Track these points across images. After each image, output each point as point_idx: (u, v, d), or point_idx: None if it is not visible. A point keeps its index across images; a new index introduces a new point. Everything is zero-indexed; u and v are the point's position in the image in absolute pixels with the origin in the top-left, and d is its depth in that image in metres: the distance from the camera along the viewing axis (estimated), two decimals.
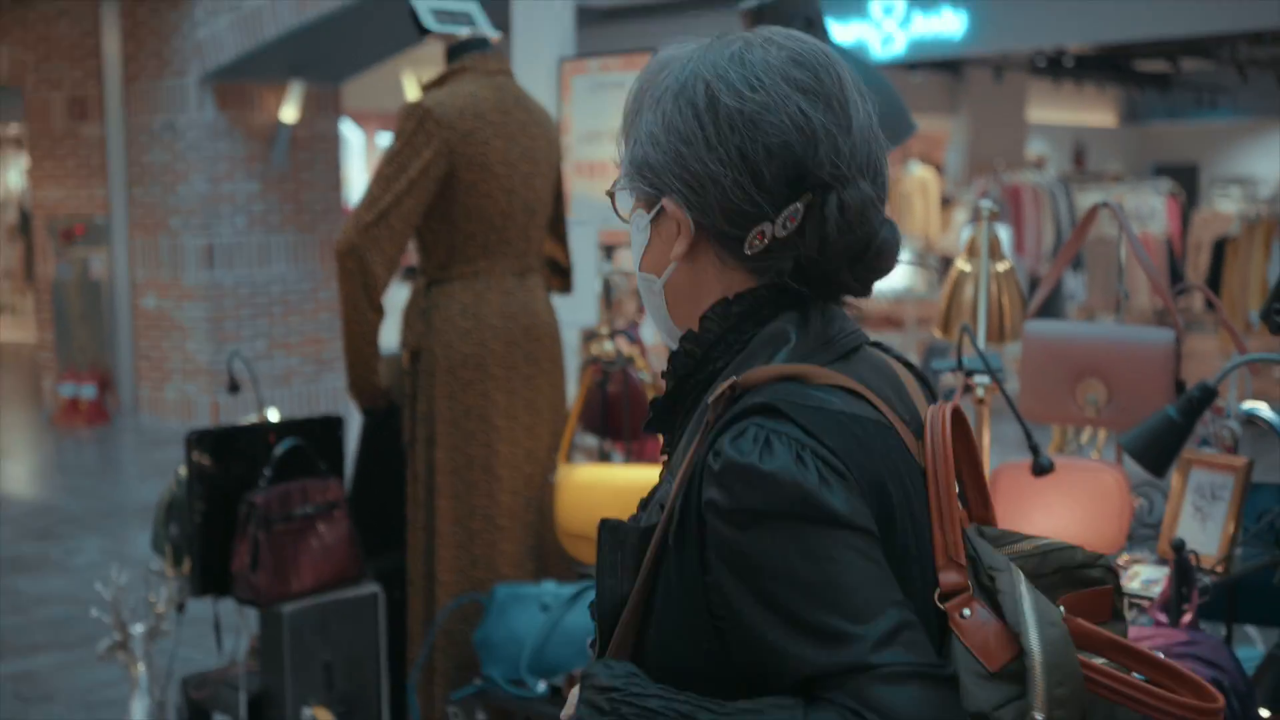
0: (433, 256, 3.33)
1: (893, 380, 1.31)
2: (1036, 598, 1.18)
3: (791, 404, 1.18)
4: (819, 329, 1.26)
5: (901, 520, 1.20)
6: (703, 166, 1.23)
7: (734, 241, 1.24)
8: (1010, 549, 1.27)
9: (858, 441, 1.18)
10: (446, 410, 3.29)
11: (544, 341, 3.41)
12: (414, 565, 3.38)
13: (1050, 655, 1.14)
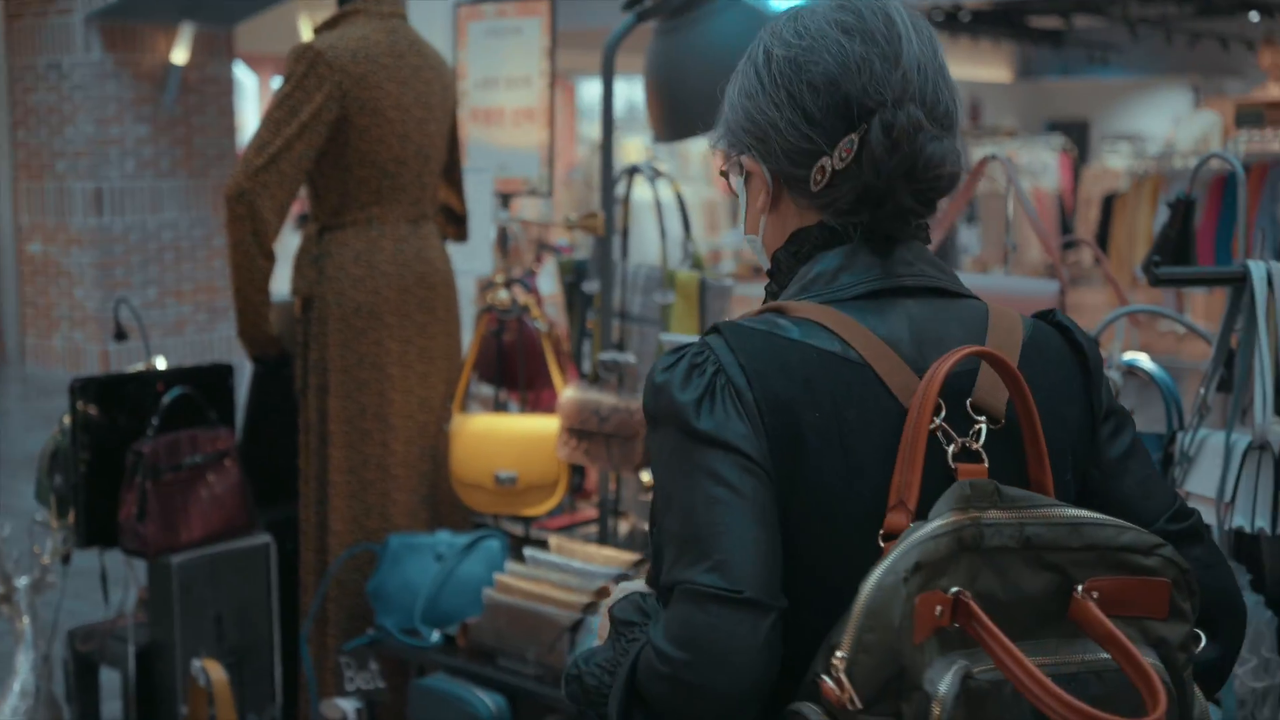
0: (325, 202, 3.29)
1: (932, 328, 1.31)
2: (912, 550, 1.15)
3: (734, 326, 1.29)
4: (837, 270, 1.33)
5: (818, 448, 1.25)
6: (763, 115, 1.35)
7: (801, 183, 1.34)
8: (1034, 513, 1.21)
9: (782, 366, 1.25)
10: (339, 358, 3.26)
11: (439, 289, 3.39)
12: (306, 515, 3.35)
13: (872, 600, 1.13)
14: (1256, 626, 2.50)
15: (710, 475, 1.23)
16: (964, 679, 1.14)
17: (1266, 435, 2.13)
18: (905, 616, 1.13)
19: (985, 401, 1.28)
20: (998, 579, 1.20)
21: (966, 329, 1.33)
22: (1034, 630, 1.20)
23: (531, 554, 3.15)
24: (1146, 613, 1.21)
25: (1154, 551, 1.22)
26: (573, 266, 3.78)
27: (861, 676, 1.13)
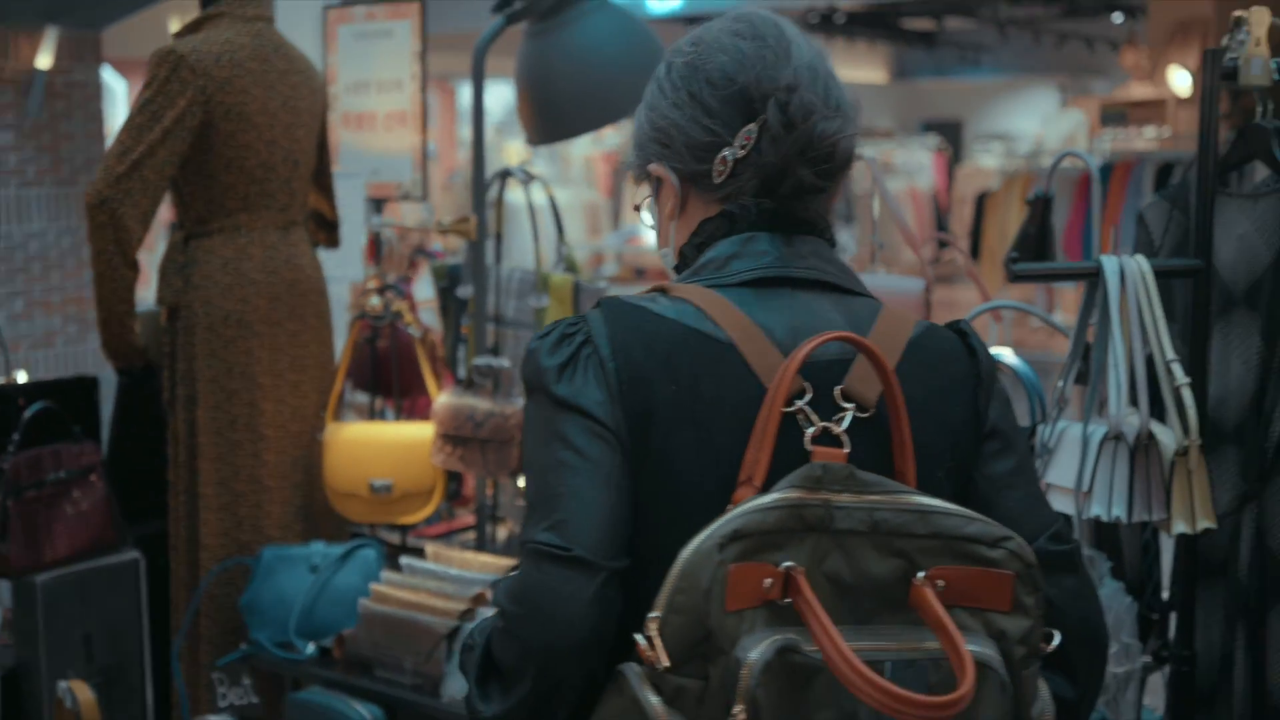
0: (190, 210, 3.23)
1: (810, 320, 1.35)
2: (732, 520, 1.19)
3: (614, 300, 1.36)
4: (728, 257, 1.38)
5: (672, 421, 1.29)
6: (665, 119, 1.42)
7: (705, 177, 1.40)
8: (886, 498, 1.23)
9: (647, 340, 1.31)
10: (207, 369, 3.20)
11: (310, 297, 3.35)
12: (176, 530, 3.29)
13: (686, 565, 1.17)
14: (1117, 613, 2.56)
15: (561, 439, 1.30)
16: (781, 651, 1.16)
17: (1121, 426, 2.19)
18: (717, 582, 1.16)
19: (855, 390, 1.32)
20: (846, 561, 1.22)
21: (850, 323, 1.36)
22: (880, 614, 1.23)
23: (408, 562, 3.12)
24: (990, 605, 1.23)
25: (999, 544, 1.23)
26: (446, 271, 3.75)
27: (671, 637, 1.17)
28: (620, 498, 1.29)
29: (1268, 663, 2.23)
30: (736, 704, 1.14)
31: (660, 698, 1.18)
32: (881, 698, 1.10)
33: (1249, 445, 2.27)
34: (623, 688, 1.20)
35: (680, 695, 1.18)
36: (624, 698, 1.20)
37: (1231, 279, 2.31)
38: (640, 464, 1.30)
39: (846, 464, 1.24)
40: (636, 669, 1.20)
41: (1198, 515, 2.21)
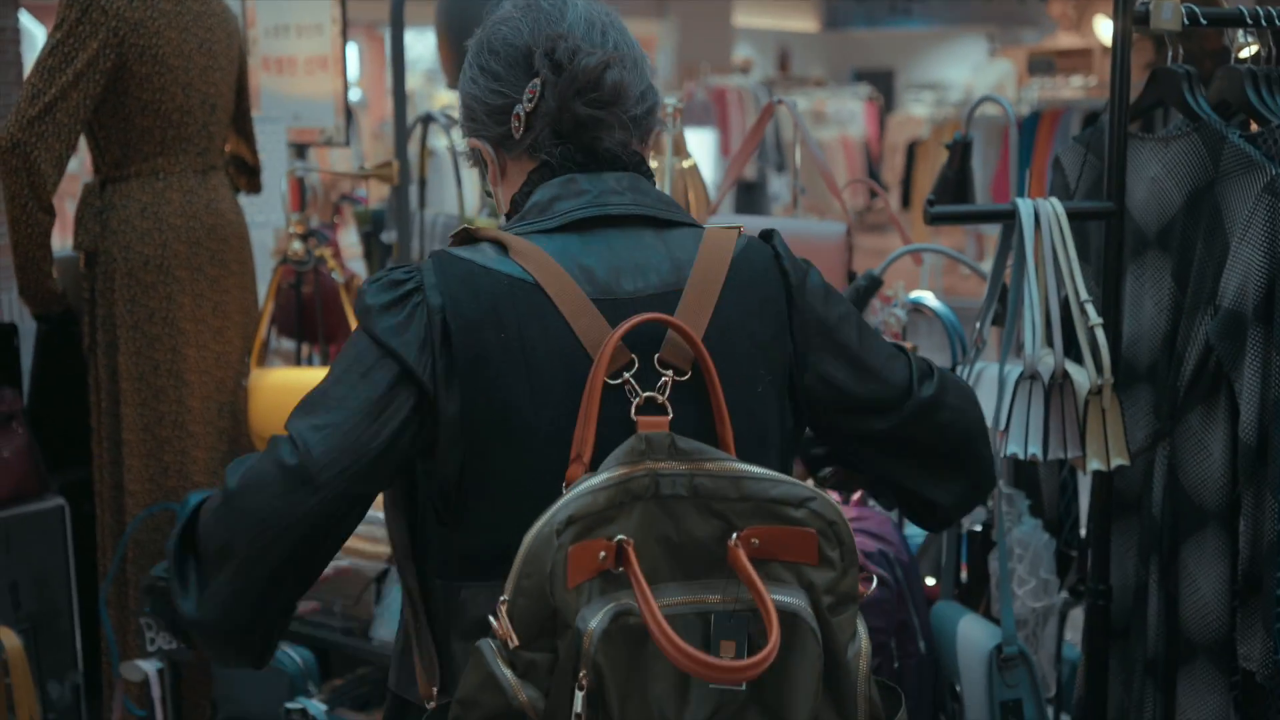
0: (107, 154, 3.18)
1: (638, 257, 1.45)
2: (570, 502, 1.27)
3: (443, 253, 1.44)
4: (551, 199, 1.47)
5: (503, 367, 1.38)
6: (468, 96, 1.55)
7: (508, 138, 1.52)
8: (704, 465, 1.33)
9: (474, 293, 1.39)
10: (128, 315, 3.17)
11: (231, 242, 3.31)
12: (100, 476, 3.26)
13: (529, 547, 1.25)
14: (1036, 549, 2.62)
15: (359, 364, 1.39)
16: (616, 617, 1.26)
17: (1036, 366, 2.23)
18: (558, 565, 1.25)
19: (671, 356, 1.40)
20: (672, 523, 1.32)
21: (672, 256, 1.46)
22: (706, 570, 1.33)
23: None
24: (799, 558, 1.34)
25: (803, 504, 1.33)
26: (370, 216, 3.73)
27: (519, 617, 1.25)
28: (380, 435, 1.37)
29: (1180, 596, 2.29)
30: (580, 670, 1.24)
31: (513, 671, 1.26)
32: (690, 664, 1.20)
33: (1161, 384, 2.32)
34: (479, 663, 1.27)
35: (532, 669, 1.26)
36: (481, 672, 1.27)
37: (1144, 221, 2.35)
38: (474, 407, 1.38)
39: (668, 432, 1.34)
40: (492, 645, 1.27)
41: (1111, 453, 2.26)
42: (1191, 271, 2.25)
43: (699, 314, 1.43)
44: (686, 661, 1.20)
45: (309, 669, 2.89)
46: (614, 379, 1.37)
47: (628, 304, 1.41)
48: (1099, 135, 2.40)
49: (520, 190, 1.52)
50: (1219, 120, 2.24)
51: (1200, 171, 2.23)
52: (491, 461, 1.39)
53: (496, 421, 1.38)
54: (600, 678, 1.25)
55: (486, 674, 1.26)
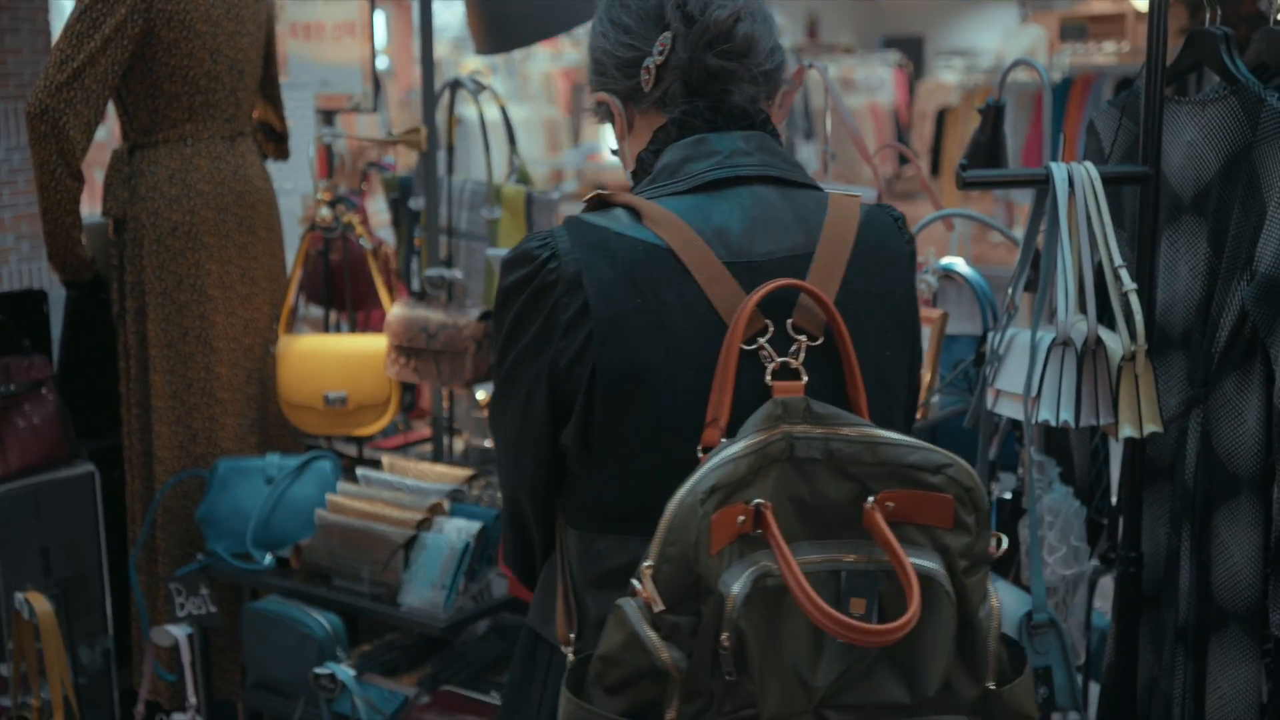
0: (135, 120, 3.18)
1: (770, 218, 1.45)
2: (714, 469, 1.29)
3: (572, 219, 1.46)
4: (681, 161, 1.48)
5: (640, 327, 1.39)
6: (598, 50, 1.56)
7: (637, 91, 1.52)
8: (839, 429, 1.35)
9: (609, 255, 1.40)
10: (156, 281, 3.17)
11: (259, 209, 3.31)
12: (130, 443, 3.28)
13: (674, 516, 1.27)
14: (1066, 517, 2.60)
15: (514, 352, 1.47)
16: (756, 579, 1.29)
17: (1069, 332, 2.20)
18: (702, 534, 1.27)
19: (804, 321, 1.41)
20: (806, 485, 1.34)
21: (800, 219, 1.46)
22: (838, 530, 1.35)
23: (364, 473, 3.13)
24: (934, 522, 1.36)
25: (940, 470, 1.35)
26: (397, 183, 3.72)
27: (664, 582, 1.27)
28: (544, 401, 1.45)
29: (1212, 564, 2.27)
30: (723, 632, 1.28)
31: (657, 633, 1.29)
32: (833, 625, 1.23)
33: (1195, 351, 2.29)
34: (622, 622, 1.30)
35: (675, 631, 1.29)
36: (624, 631, 1.30)
37: (1179, 186, 2.32)
38: (611, 368, 1.39)
39: (803, 396, 1.36)
40: (634, 605, 1.30)
41: (1144, 420, 2.24)
42: (1228, 237, 2.22)
43: (830, 278, 1.44)
44: (830, 624, 1.23)
45: (337, 634, 2.90)
46: (748, 344, 1.39)
47: (761, 267, 1.43)
48: (1134, 99, 2.36)
49: (647, 149, 1.53)
50: (1257, 83, 2.20)
51: (1237, 135, 2.20)
52: (627, 421, 1.41)
53: (633, 384, 1.40)
54: (741, 639, 1.28)
55: (630, 634, 1.29)
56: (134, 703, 3.03)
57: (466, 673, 2.97)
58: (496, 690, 2.89)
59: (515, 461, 1.52)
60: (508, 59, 11.90)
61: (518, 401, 1.47)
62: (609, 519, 1.46)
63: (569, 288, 1.40)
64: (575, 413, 1.42)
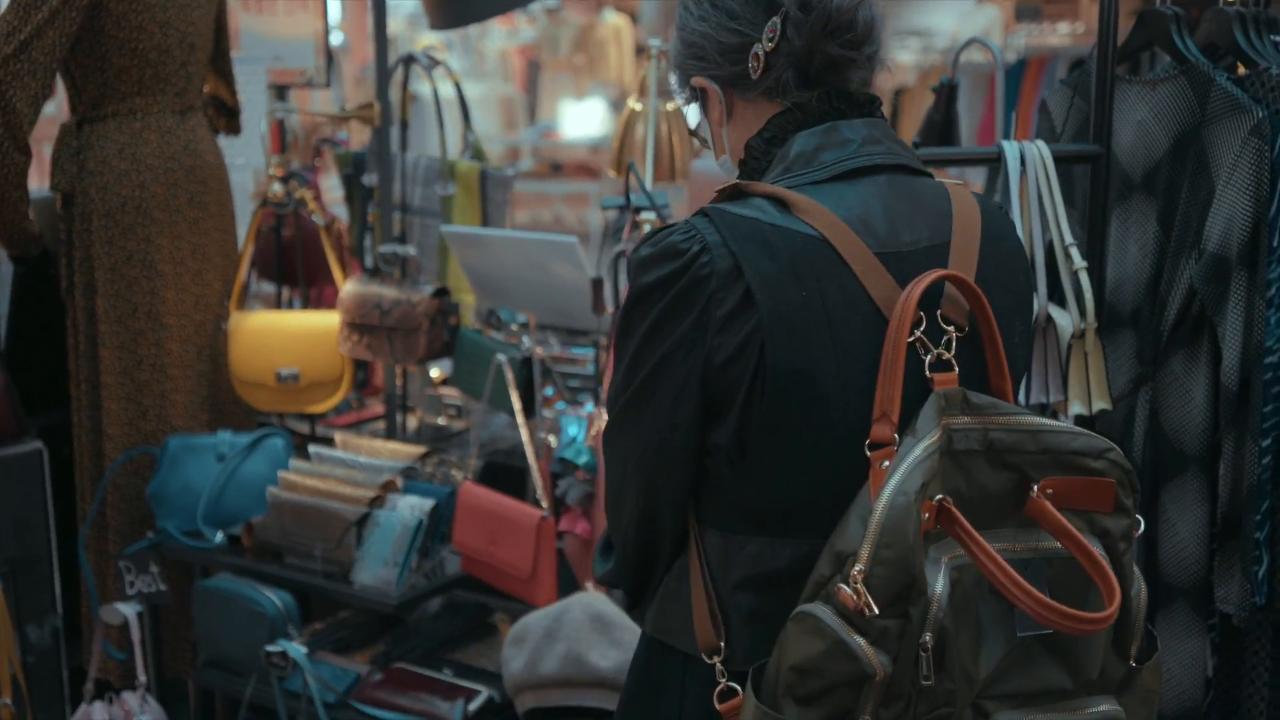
0: (84, 93, 3.14)
1: (910, 207, 1.42)
2: (916, 467, 1.27)
3: (716, 210, 1.38)
4: (816, 149, 1.43)
5: (806, 321, 1.34)
6: (695, 34, 1.48)
7: (744, 78, 1.46)
8: (998, 419, 1.34)
9: (768, 247, 1.35)
10: (106, 256, 3.14)
11: (210, 184, 3.28)
12: (79, 419, 3.25)
13: (887, 518, 1.24)
14: None
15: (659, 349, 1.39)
16: (953, 580, 1.28)
17: None
18: (917, 533, 1.25)
19: (952, 312, 1.40)
20: (963, 477, 1.32)
21: (933, 207, 1.44)
22: (993, 521, 1.34)
23: (316, 451, 3.11)
24: (1093, 507, 1.35)
25: (1103, 455, 1.35)
26: (351, 159, 3.69)
27: (878, 586, 1.24)
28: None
29: (1159, 540, 2.30)
30: (925, 633, 1.26)
31: (866, 639, 1.26)
32: (1049, 614, 1.24)
33: (1144, 329, 2.32)
34: (819, 630, 1.27)
35: (884, 635, 1.26)
36: (826, 639, 1.27)
37: (1130, 165, 2.34)
38: (776, 363, 1.34)
39: (960, 388, 1.34)
40: (828, 611, 1.27)
41: (1094, 397, 2.26)
42: (1177, 215, 2.24)
43: (968, 267, 1.43)
44: (1050, 614, 1.23)
45: (289, 612, 2.89)
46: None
47: (907, 257, 1.40)
48: (1086, 78, 2.38)
49: (759, 135, 1.47)
50: (1207, 63, 2.22)
51: (1187, 115, 2.22)
52: (792, 419, 1.36)
53: (798, 378, 1.35)
54: (944, 639, 1.27)
55: (834, 641, 1.26)
56: (83, 681, 3.00)
57: (419, 650, 2.97)
58: (449, 667, 2.89)
59: (657, 468, 1.43)
60: (464, 35, 11.83)
61: (663, 403, 1.39)
62: (763, 521, 1.41)
63: (724, 281, 1.34)
64: (732, 411, 1.37)
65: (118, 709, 2.75)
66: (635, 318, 1.40)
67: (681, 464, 1.42)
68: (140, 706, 2.76)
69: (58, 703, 3.29)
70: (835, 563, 1.29)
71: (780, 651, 1.30)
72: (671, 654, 1.50)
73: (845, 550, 1.28)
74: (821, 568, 1.30)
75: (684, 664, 1.49)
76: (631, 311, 1.40)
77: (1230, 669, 2.28)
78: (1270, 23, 2.27)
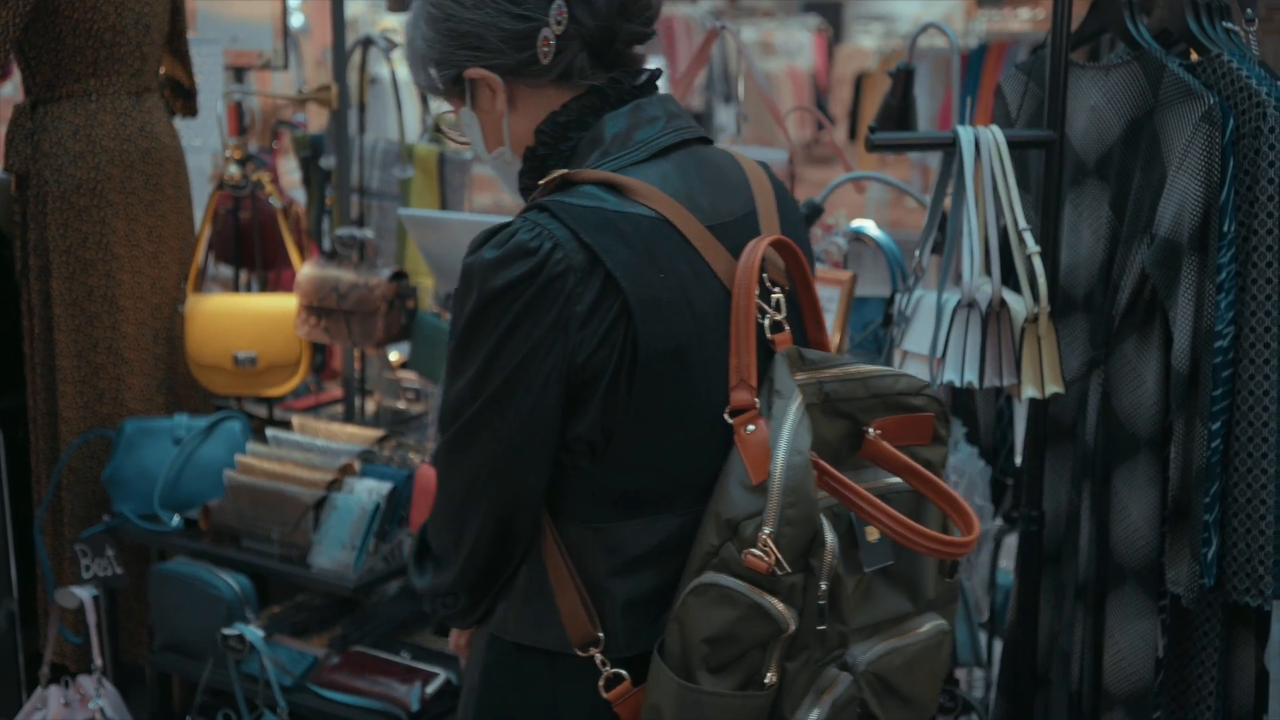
0: (38, 74, 3.11)
1: (720, 178, 1.45)
2: (798, 426, 1.32)
3: (556, 204, 1.35)
4: (628, 130, 1.42)
5: (668, 303, 1.35)
6: (467, 25, 1.41)
7: (532, 64, 1.41)
8: (830, 371, 1.41)
9: (619, 235, 1.34)
10: (60, 239, 3.12)
11: (166, 166, 3.26)
12: (34, 403, 3.22)
13: (788, 479, 1.30)
14: (971, 476, 2.64)
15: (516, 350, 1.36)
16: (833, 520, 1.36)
17: (974, 294, 2.23)
18: (815, 489, 1.32)
19: (775, 274, 1.44)
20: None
21: (734, 177, 1.47)
22: (835, 467, 1.40)
23: (274, 434, 3.10)
24: (914, 441, 1.46)
25: (921, 393, 1.46)
26: (309, 142, 3.68)
27: (786, 545, 1.29)
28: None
29: (1111, 522, 2.32)
30: (822, 582, 1.32)
31: (777, 597, 1.30)
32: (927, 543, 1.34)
33: (1097, 313, 2.33)
34: (730, 598, 1.30)
35: (792, 592, 1.31)
36: (739, 606, 1.30)
37: (1083, 150, 2.35)
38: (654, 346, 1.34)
39: (794, 346, 1.40)
40: (732, 580, 1.30)
41: (1047, 381, 2.27)
42: (1129, 201, 2.26)
43: (774, 229, 1.47)
44: (927, 542, 1.34)
45: (247, 595, 2.88)
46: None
47: (731, 228, 1.42)
48: (1041, 64, 2.39)
49: (554, 120, 1.43)
50: (1160, 49, 2.24)
51: (1140, 100, 2.24)
52: (661, 401, 1.36)
53: (668, 360, 1.35)
54: (839, 583, 1.34)
55: (749, 605, 1.29)
56: (39, 665, 2.98)
57: (376, 633, 2.97)
58: (407, 650, 2.88)
59: (513, 474, 1.38)
60: None
61: (522, 407, 1.34)
62: (632, 503, 1.39)
63: (580, 276, 1.32)
64: (594, 402, 1.34)
65: (74, 693, 2.74)
66: (485, 323, 1.34)
67: (542, 465, 1.38)
68: (96, 690, 2.75)
69: (13, 687, 3.27)
70: (725, 530, 1.31)
71: (684, 627, 1.32)
72: (531, 655, 1.45)
73: (735, 516, 1.31)
74: (709, 538, 1.33)
75: (549, 663, 1.44)
76: (480, 316, 1.34)
77: (1180, 649, 2.31)
78: (1223, 9, 2.28)
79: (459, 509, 1.42)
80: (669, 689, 1.32)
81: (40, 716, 2.70)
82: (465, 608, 1.48)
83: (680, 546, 1.37)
